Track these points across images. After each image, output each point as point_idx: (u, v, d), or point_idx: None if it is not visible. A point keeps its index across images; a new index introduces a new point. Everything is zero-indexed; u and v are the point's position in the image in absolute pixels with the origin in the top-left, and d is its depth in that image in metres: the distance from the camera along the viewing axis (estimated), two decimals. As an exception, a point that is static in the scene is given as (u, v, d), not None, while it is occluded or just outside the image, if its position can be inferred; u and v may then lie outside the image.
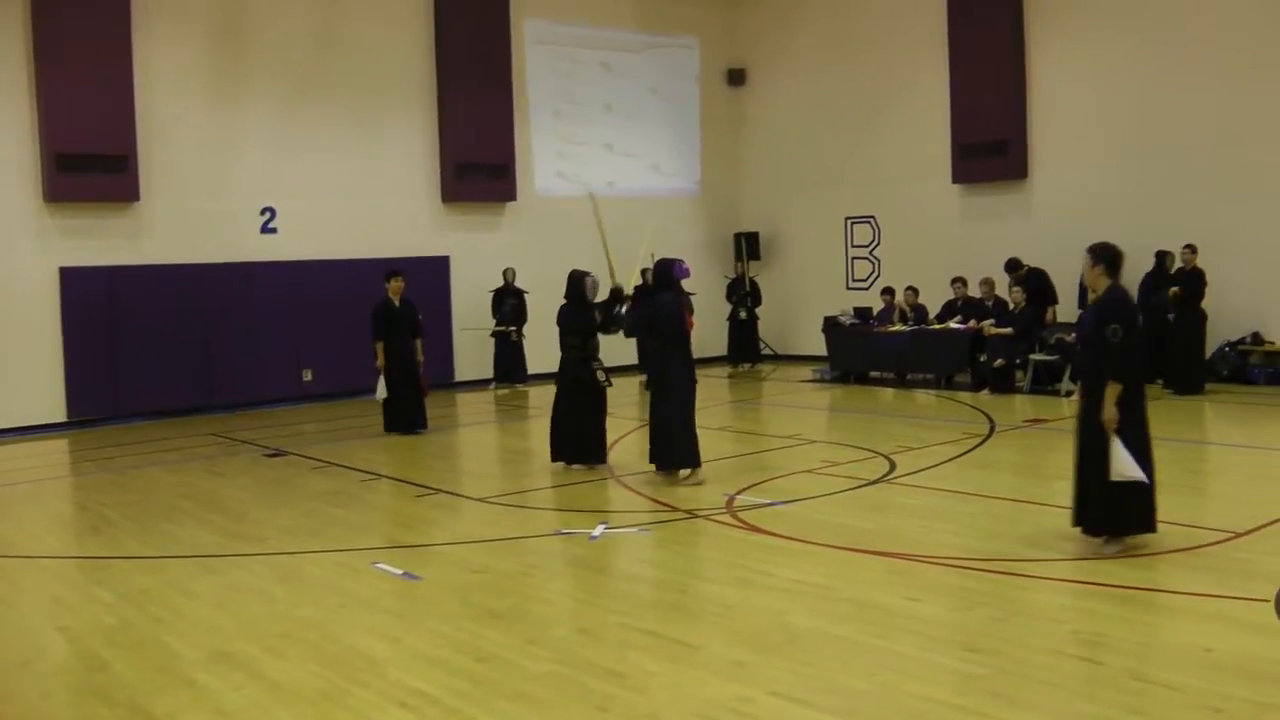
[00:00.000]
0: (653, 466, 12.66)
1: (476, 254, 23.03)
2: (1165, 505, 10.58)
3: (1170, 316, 18.44)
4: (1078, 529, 9.07)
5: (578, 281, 13.48)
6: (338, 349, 20.81)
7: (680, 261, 12.81)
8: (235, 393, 20.38)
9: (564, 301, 13.61)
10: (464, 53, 22.84)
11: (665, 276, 12.63)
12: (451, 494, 12.51)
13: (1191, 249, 18.48)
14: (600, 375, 13.29)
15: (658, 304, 12.62)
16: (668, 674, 6.67)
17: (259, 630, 7.73)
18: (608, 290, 13.59)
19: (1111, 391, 8.60)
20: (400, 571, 9.13)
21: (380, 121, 22.21)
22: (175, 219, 19.85)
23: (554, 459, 13.56)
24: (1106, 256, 9.02)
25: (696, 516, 10.81)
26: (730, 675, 6.59)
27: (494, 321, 22.50)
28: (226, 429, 18.16)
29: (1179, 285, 18.45)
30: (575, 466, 13.41)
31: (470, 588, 8.65)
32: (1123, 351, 8.67)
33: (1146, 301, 18.38)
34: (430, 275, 22.02)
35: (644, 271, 21.33)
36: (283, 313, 20.80)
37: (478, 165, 23.11)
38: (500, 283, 22.50)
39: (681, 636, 7.31)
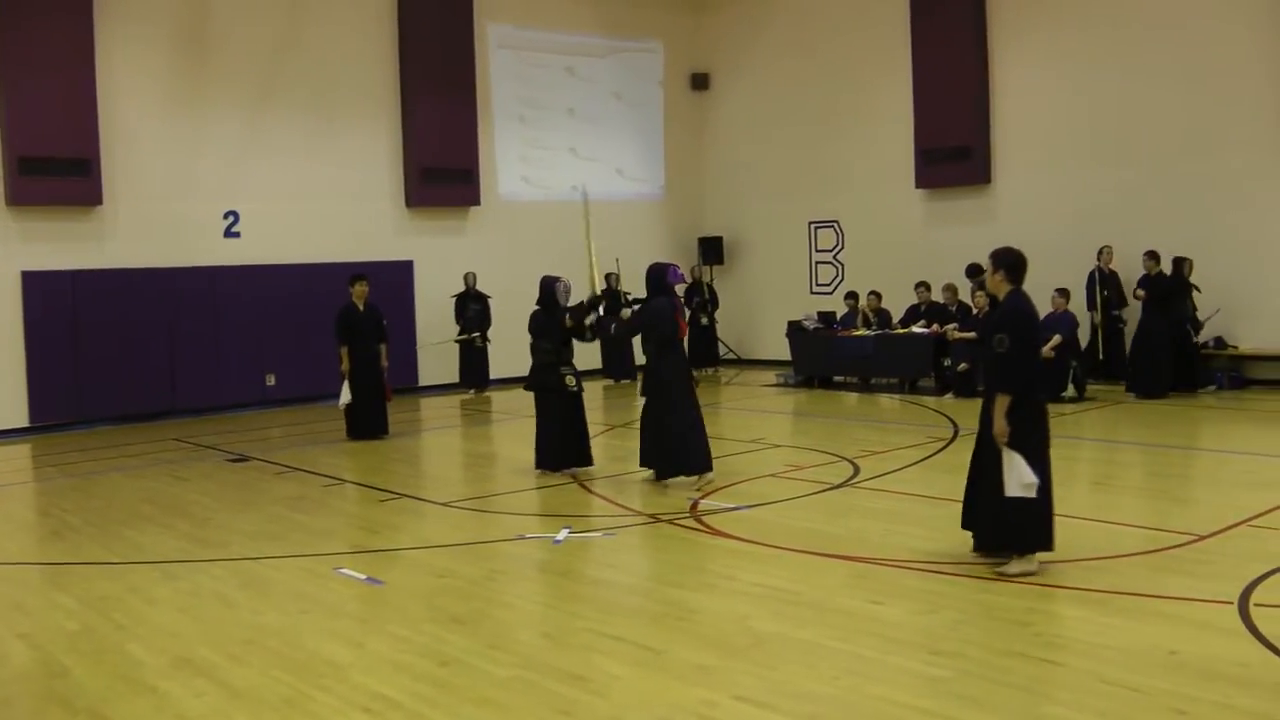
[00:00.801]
0: (649, 472, 12.68)
1: (441, 259, 22.98)
2: (1130, 508, 10.72)
3: (1193, 330, 18.81)
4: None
5: (549, 287, 13.44)
6: (301, 353, 20.73)
7: (674, 266, 12.88)
8: (199, 397, 20.25)
9: (536, 307, 13.56)
10: (427, 57, 22.82)
11: (660, 281, 12.63)
12: (415, 499, 12.49)
13: (1153, 256, 18.60)
14: (570, 380, 13.25)
15: (653, 309, 12.56)
16: (632, 678, 6.68)
17: (221, 636, 7.70)
18: (585, 293, 13.56)
19: (1000, 403, 8.33)
20: (364, 576, 9.11)
21: (344, 126, 22.14)
22: (138, 223, 19.75)
23: (539, 466, 13.48)
24: (1007, 262, 8.71)
25: (660, 521, 10.82)
26: (694, 680, 6.61)
27: (457, 326, 22.43)
28: (190, 434, 18.08)
29: (1145, 289, 18.57)
30: (563, 471, 13.34)
31: (434, 592, 8.65)
32: (1011, 362, 8.38)
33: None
34: (394, 280, 21.96)
35: (609, 276, 21.44)
36: (246, 317, 20.70)
37: (442, 170, 23.07)
38: (462, 287, 22.46)
39: (645, 641, 7.32)
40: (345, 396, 16.51)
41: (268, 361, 20.96)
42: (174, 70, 20.22)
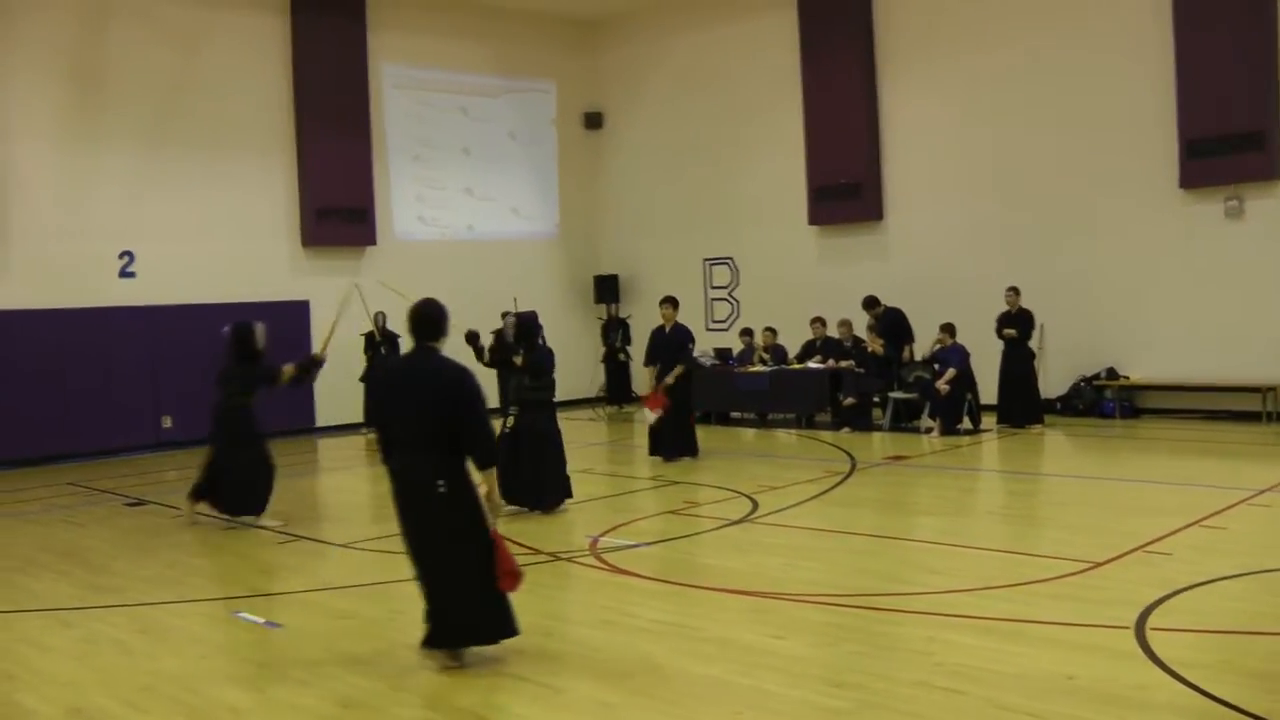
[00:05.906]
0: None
1: (337, 298, 22.76)
2: (1026, 537, 10.89)
3: None
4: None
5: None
6: (198, 395, 20.40)
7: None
8: (94, 441, 19.94)
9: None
10: (322, 96, 22.75)
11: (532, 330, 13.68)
12: (315, 540, 12.40)
13: (1015, 291, 18.94)
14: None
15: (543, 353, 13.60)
16: (535, 717, 6.70)
17: (118, 684, 7.60)
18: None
19: None
20: (263, 620, 9.05)
21: (240, 165, 21.99)
22: (32, 263, 19.47)
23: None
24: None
25: (560, 559, 10.85)
26: (597, 716, 6.64)
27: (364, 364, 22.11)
28: (86, 478, 17.79)
29: (1014, 326, 18.83)
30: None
31: (334, 634, 8.60)
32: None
33: None
34: (291, 320, 21.75)
35: (505, 315, 21.35)
36: (142, 358, 20.48)
37: (337, 209, 22.97)
38: (370, 327, 22.21)
39: (547, 679, 7.34)
40: None
41: (164, 404, 20.70)
42: (68, 107, 19.99)
